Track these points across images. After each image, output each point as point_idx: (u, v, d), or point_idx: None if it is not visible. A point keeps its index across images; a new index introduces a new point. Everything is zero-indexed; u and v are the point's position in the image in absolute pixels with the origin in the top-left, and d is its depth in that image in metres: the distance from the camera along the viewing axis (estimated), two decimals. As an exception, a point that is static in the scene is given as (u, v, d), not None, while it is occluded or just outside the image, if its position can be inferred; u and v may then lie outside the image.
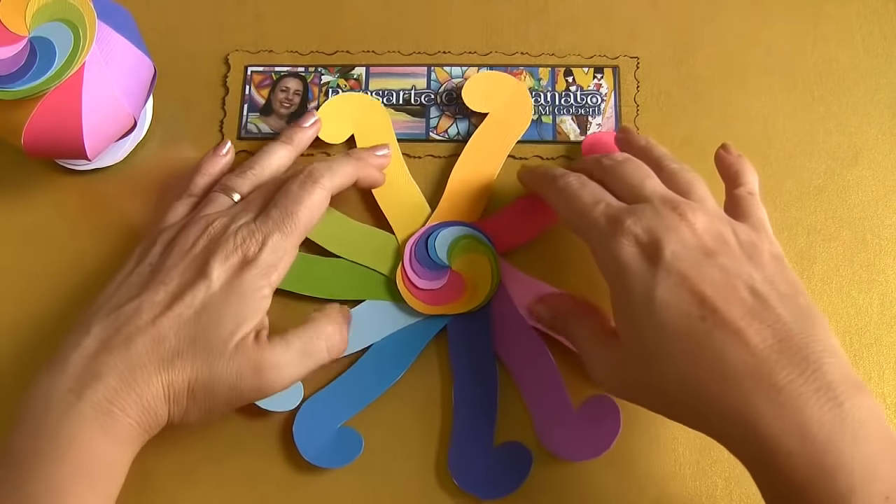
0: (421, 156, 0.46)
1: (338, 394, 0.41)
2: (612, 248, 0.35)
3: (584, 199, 0.37)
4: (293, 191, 0.39)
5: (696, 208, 0.35)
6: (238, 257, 0.37)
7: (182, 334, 0.35)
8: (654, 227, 0.34)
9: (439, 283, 0.42)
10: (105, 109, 0.41)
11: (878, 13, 0.49)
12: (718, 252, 0.34)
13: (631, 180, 0.37)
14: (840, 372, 0.31)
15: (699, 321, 0.32)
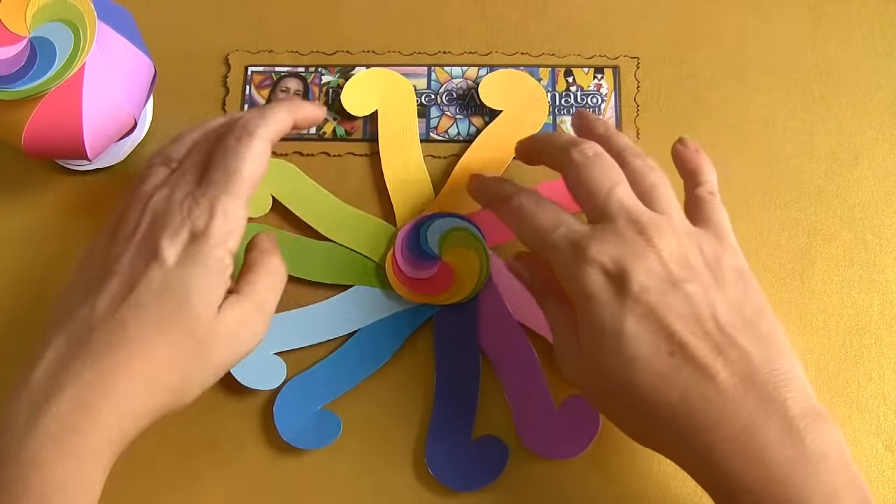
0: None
1: (320, 376, 0.41)
2: (578, 277, 0.34)
3: (542, 222, 0.36)
4: (231, 147, 0.36)
5: (663, 229, 0.34)
6: (187, 231, 0.34)
7: (147, 320, 0.33)
8: (620, 256, 0.33)
9: (428, 273, 0.43)
10: (105, 110, 0.41)
11: (878, 13, 0.49)
12: (684, 279, 0.33)
13: (598, 190, 0.35)
14: (802, 404, 0.31)
15: (667, 356, 0.32)
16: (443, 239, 0.43)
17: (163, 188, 0.36)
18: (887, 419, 0.41)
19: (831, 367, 0.42)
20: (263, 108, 0.38)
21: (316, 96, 0.48)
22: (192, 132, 0.39)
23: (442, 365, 0.42)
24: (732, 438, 0.31)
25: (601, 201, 0.35)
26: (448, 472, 0.40)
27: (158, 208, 0.35)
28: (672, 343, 0.32)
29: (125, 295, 0.33)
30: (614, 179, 0.36)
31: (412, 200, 0.45)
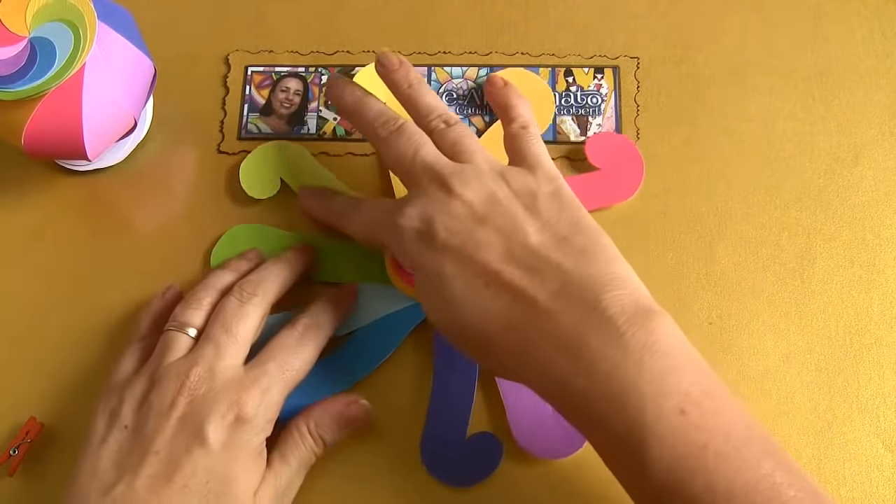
0: (421, 156, 0.46)
1: (320, 373, 0.41)
2: (396, 241, 0.37)
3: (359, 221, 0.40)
4: (291, 346, 0.38)
5: (466, 177, 0.36)
6: (233, 416, 0.35)
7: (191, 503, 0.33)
8: (425, 211, 0.36)
9: None
10: (105, 110, 0.41)
11: (878, 13, 0.49)
12: (490, 215, 0.35)
13: (402, 161, 0.38)
14: (620, 303, 0.32)
15: (484, 287, 0.34)
16: None
17: (195, 363, 0.36)
18: (887, 419, 0.41)
19: (831, 367, 0.42)
20: (318, 315, 0.40)
21: (316, 96, 0.48)
22: (202, 295, 0.39)
23: (439, 362, 0.42)
24: (560, 349, 0.32)
25: (407, 167, 0.38)
26: (443, 468, 0.40)
27: (197, 386, 0.35)
28: (486, 274, 0.34)
29: (169, 477, 0.33)
30: (417, 143, 0.38)
31: None
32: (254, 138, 0.47)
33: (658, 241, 0.44)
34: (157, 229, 0.45)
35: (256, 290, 0.39)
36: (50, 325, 0.43)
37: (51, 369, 0.42)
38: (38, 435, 0.40)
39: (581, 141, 0.46)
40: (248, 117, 0.47)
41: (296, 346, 0.38)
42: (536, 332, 0.33)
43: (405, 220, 0.36)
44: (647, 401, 0.30)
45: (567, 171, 0.46)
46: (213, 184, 0.46)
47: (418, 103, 0.40)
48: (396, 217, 0.36)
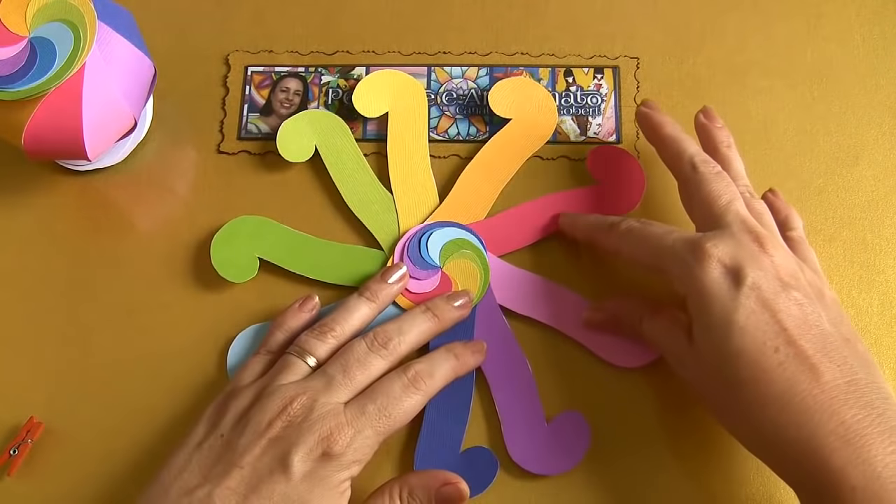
0: (421, 156, 0.46)
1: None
2: (695, 271, 0.35)
3: (655, 230, 0.38)
4: (395, 392, 0.37)
5: (775, 241, 0.36)
6: (321, 450, 0.35)
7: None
8: (736, 254, 0.35)
9: (429, 283, 0.43)
10: (105, 110, 0.41)
11: (878, 13, 0.49)
12: (793, 287, 0.35)
13: (718, 201, 0.38)
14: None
15: (773, 351, 0.33)
16: (444, 249, 0.43)
17: (303, 392, 0.36)
18: None
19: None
20: (433, 365, 0.39)
21: (316, 96, 0.48)
22: (336, 330, 0.39)
23: None
24: (839, 435, 0.31)
25: (720, 209, 0.38)
26: None
27: (297, 415, 0.35)
28: (779, 339, 0.33)
29: (245, 495, 0.34)
30: (734, 194, 0.38)
31: (416, 205, 0.45)
32: (254, 138, 0.47)
33: (658, 241, 0.44)
34: (157, 229, 0.45)
35: (389, 343, 0.38)
36: (50, 325, 0.43)
37: (51, 369, 0.42)
38: (38, 435, 0.40)
39: (581, 141, 0.46)
40: (248, 117, 0.47)
41: (401, 393, 0.37)
42: (820, 412, 0.32)
43: (715, 250, 0.35)
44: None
45: (567, 171, 0.46)
46: (213, 184, 0.46)
47: (733, 164, 0.41)
48: (704, 244, 0.36)
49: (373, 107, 0.46)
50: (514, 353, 0.42)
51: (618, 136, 0.46)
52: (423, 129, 0.46)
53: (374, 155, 0.46)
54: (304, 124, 0.46)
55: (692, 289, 0.36)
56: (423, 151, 0.46)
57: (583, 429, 0.40)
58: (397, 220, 0.44)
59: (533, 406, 0.41)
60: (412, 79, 0.47)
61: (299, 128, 0.46)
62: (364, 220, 0.44)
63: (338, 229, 0.45)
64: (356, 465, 0.36)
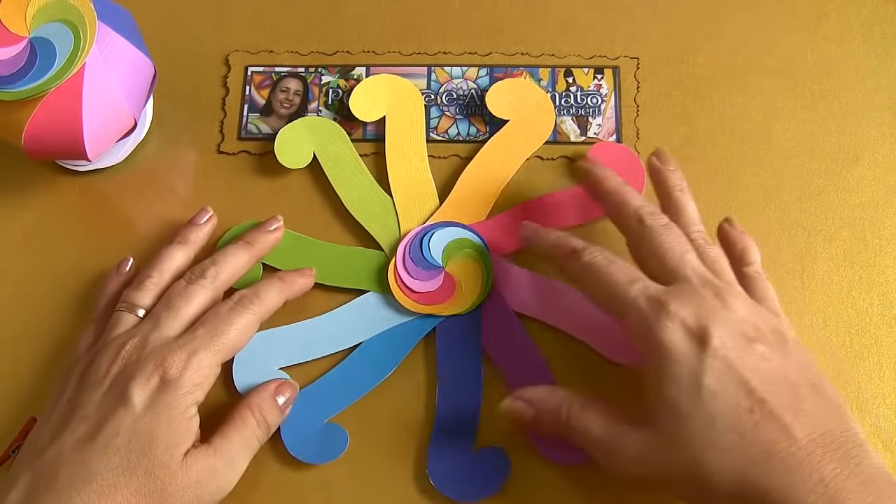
0: (421, 156, 0.46)
1: (325, 390, 0.41)
2: (657, 331, 0.34)
3: (617, 276, 0.36)
4: (223, 313, 0.38)
5: (735, 294, 0.35)
6: (157, 378, 0.36)
7: (113, 463, 0.34)
8: (699, 313, 0.34)
9: (432, 285, 0.43)
10: (105, 110, 0.41)
11: (878, 13, 0.49)
12: (757, 340, 0.34)
13: (670, 255, 0.37)
14: (874, 465, 0.32)
15: (747, 413, 0.32)
16: (446, 249, 0.43)
17: (133, 336, 0.37)
18: (887, 419, 0.41)
19: (831, 367, 0.42)
20: (259, 287, 0.40)
21: (316, 96, 0.48)
22: (154, 277, 0.40)
23: (444, 375, 0.41)
24: (818, 493, 0.30)
25: (674, 263, 0.36)
26: (449, 483, 0.39)
27: (129, 355, 0.37)
28: (752, 399, 0.32)
29: (92, 436, 0.34)
30: (685, 247, 0.37)
31: (416, 207, 0.45)
32: (254, 139, 0.47)
33: (658, 242, 0.44)
34: (157, 229, 0.45)
35: (206, 272, 0.40)
36: (50, 324, 0.43)
37: (51, 369, 0.42)
38: (39, 435, 0.40)
39: (581, 141, 0.46)
40: (248, 117, 0.47)
41: (228, 313, 0.38)
42: (797, 473, 0.31)
43: (676, 309, 0.34)
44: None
45: (567, 171, 0.46)
46: (213, 184, 0.46)
47: (686, 210, 0.40)
48: (667, 302, 0.34)
49: (370, 111, 0.46)
50: (526, 346, 0.41)
51: (618, 137, 0.46)
52: (421, 131, 0.46)
53: (374, 155, 0.46)
54: (301, 131, 0.46)
55: (654, 351, 0.34)
56: (422, 154, 0.46)
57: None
58: (398, 222, 0.44)
59: None
60: (408, 82, 0.47)
61: (297, 135, 0.46)
62: (364, 223, 0.44)
63: (338, 230, 0.45)
64: (198, 390, 0.36)
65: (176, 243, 0.42)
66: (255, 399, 0.39)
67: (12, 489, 0.34)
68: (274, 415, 0.39)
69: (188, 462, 0.35)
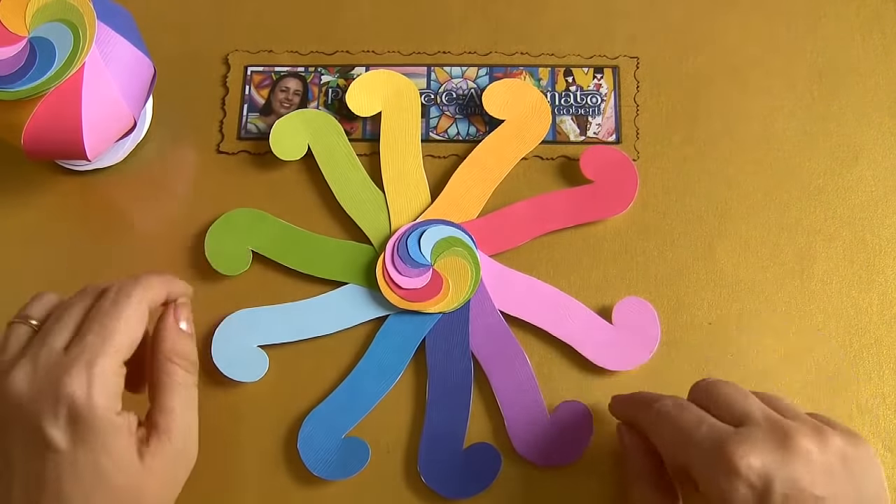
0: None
1: (338, 405, 0.41)
2: (720, 481, 0.32)
3: (686, 419, 0.35)
4: (106, 309, 0.34)
5: (805, 433, 0.33)
6: (65, 408, 0.31)
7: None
8: (765, 462, 0.32)
9: (419, 280, 0.43)
10: (105, 110, 0.41)
11: (878, 13, 0.49)
12: (827, 498, 0.32)
13: (734, 398, 0.35)
14: None
15: None
16: (436, 247, 0.43)
17: (25, 362, 0.33)
18: (887, 419, 0.41)
19: (831, 367, 0.42)
20: (138, 275, 0.36)
21: (315, 96, 0.48)
22: (52, 293, 0.37)
23: (434, 373, 0.42)
24: None
25: (739, 406, 0.34)
26: (440, 480, 0.40)
27: (24, 387, 0.32)
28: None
29: (40, 492, 0.31)
30: (745, 392, 0.35)
31: (408, 203, 0.45)
32: (253, 138, 0.47)
33: (658, 241, 0.44)
34: (156, 229, 0.45)
35: (100, 285, 0.36)
36: (50, 324, 0.43)
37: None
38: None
39: (580, 140, 0.46)
40: (248, 117, 0.47)
41: (112, 307, 0.34)
42: None
43: (742, 463, 0.32)
44: None
45: (566, 171, 0.46)
46: (213, 183, 0.46)
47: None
48: (733, 451, 0.32)
49: (366, 106, 0.46)
50: (511, 347, 0.42)
51: (617, 136, 0.46)
52: (416, 129, 0.46)
53: (374, 155, 0.46)
54: (297, 123, 0.46)
55: (716, 498, 0.33)
56: (416, 151, 0.46)
57: (586, 418, 0.40)
58: (388, 218, 0.44)
59: (534, 398, 0.41)
60: (406, 79, 0.47)
61: (293, 126, 0.46)
62: (356, 219, 0.44)
63: (334, 228, 0.45)
64: (112, 399, 0.32)
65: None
66: (167, 344, 0.35)
67: None
68: (191, 347, 0.36)
69: (148, 464, 0.33)
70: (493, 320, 0.42)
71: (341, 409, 0.41)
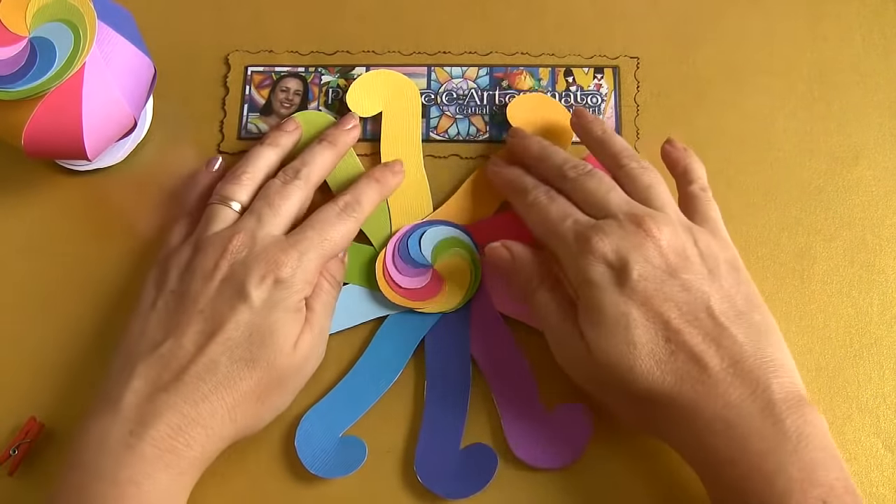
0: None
1: (337, 403, 0.41)
2: (581, 266, 0.36)
3: (552, 214, 0.39)
4: (331, 218, 0.40)
5: (661, 221, 0.37)
6: (272, 277, 0.37)
7: (236, 356, 0.36)
8: (620, 247, 0.36)
9: (418, 280, 0.43)
10: (105, 110, 0.41)
11: (878, 13, 0.49)
12: (681, 268, 0.36)
13: (595, 195, 0.38)
14: (786, 390, 0.34)
15: (664, 342, 0.34)
16: (436, 248, 0.43)
17: (238, 231, 0.39)
18: (887, 419, 0.41)
19: (831, 367, 0.42)
20: (359, 192, 0.42)
21: (316, 96, 0.48)
22: (249, 172, 0.42)
23: (433, 372, 0.42)
24: (719, 418, 0.33)
25: (600, 203, 0.38)
26: (437, 479, 0.39)
27: (239, 251, 0.38)
28: (668, 330, 0.35)
29: (213, 333, 0.36)
30: (609, 185, 0.39)
31: (409, 204, 0.45)
32: (254, 138, 0.47)
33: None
34: (157, 229, 0.45)
35: (299, 173, 0.41)
36: (50, 325, 0.43)
37: (51, 369, 0.42)
38: (38, 435, 0.40)
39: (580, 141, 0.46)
40: (248, 117, 0.47)
41: (335, 219, 0.40)
42: (703, 398, 0.34)
43: (599, 246, 0.36)
44: (795, 485, 0.31)
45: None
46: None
47: (613, 144, 0.41)
48: (590, 238, 0.36)
49: (366, 106, 0.46)
50: (509, 348, 0.42)
51: (618, 136, 0.46)
52: (417, 129, 0.46)
53: (374, 155, 0.46)
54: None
55: (580, 282, 0.36)
56: (417, 151, 0.46)
57: (584, 420, 0.40)
58: (389, 219, 0.44)
59: (532, 401, 0.41)
60: (407, 79, 0.47)
61: None
62: None
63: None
64: (307, 286, 0.38)
65: (267, 145, 0.43)
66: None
67: (134, 378, 0.35)
68: (340, 270, 0.42)
69: (298, 346, 0.37)
70: (493, 322, 0.42)
71: (339, 408, 0.41)
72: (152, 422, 0.34)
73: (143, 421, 0.34)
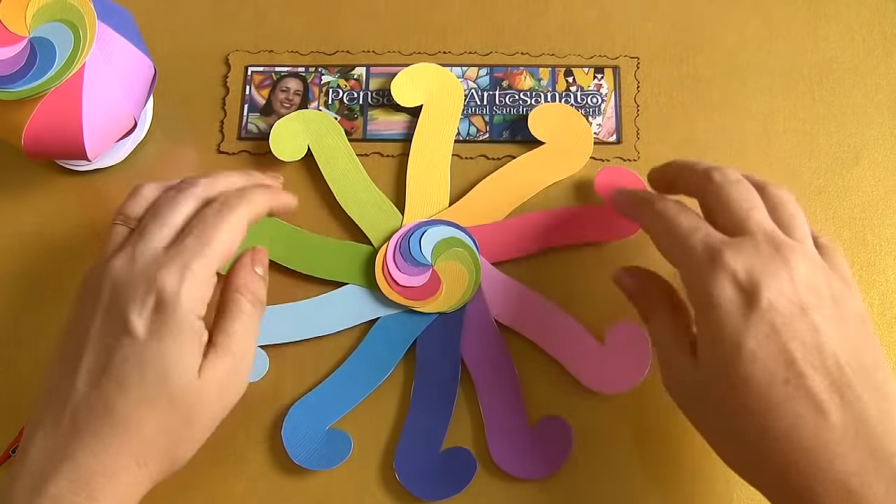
0: (421, 156, 0.46)
1: (325, 397, 0.41)
2: (708, 281, 0.33)
3: (682, 224, 0.35)
4: (209, 217, 0.36)
5: (798, 252, 0.33)
6: (153, 299, 0.33)
7: (132, 397, 0.32)
8: (754, 268, 0.32)
9: (417, 279, 0.43)
10: (105, 110, 0.41)
11: (878, 13, 0.49)
12: (812, 308, 0.32)
13: (737, 206, 0.35)
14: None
15: (782, 384, 0.31)
16: (437, 248, 0.43)
17: (122, 252, 0.35)
18: None
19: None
20: (245, 189, 0.38)
21: (316, 96, 0.48)
22: (147, 187, 0.38)
23: (422, 373, 0.42)
24: (840, 483, 0.30)
25: (740, 218, 0.35)
26: (415, 480, 0.40)
27: (120, 275, 0.34)
28: (789, 371, 0.31)
29: (103, 368, 0.33)
30: (754, 202, 0.35)
31: (426, 201, 0.45)
32: (254, 138, 0.47)
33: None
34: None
35: (198, 181, 0.38)
36: (50, 324, 0.43)
37: (51, 369, 0.42)
38: (38, 435, 0.40)
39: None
40: (249, 117, 0.47)
41: (214, 217, 0.36)
42: (822, 456, 0.30)
43: (731, 262, 0.33)
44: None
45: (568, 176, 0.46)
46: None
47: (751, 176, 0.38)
48: (723, 252, 0.33)
49: (409, 96, 0.46)
50: (501, 355, 0.42)
51: (618, 136, 0.46)
52: (453, 127, 0.46)
53: (374, 155, 0.46)
54: (297, 124, 0.46)
55: (701, 301, 0.33)
56: (447, 150, 0.46)
57: (566, 434, 0.40)
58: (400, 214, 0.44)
59: (517, 410, 0.41)
60: (454, 77, 0.47)
61: (292, 127, 0.46)
62: (355, 219, 0.44)
63: (334, 228, 0.45)
64: (199, 304, 0.34)
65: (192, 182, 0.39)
66: (240, 279, 0.37)
67: (38, 429, 0.33)
68: (261, 288, 0.38)
69: (205, 375, 0.34)
70: (487, 327, 0.42)
71: (328, 401, 0.41)
72: (53, 476, 0.31)
73: (45, 475, 0.31)
